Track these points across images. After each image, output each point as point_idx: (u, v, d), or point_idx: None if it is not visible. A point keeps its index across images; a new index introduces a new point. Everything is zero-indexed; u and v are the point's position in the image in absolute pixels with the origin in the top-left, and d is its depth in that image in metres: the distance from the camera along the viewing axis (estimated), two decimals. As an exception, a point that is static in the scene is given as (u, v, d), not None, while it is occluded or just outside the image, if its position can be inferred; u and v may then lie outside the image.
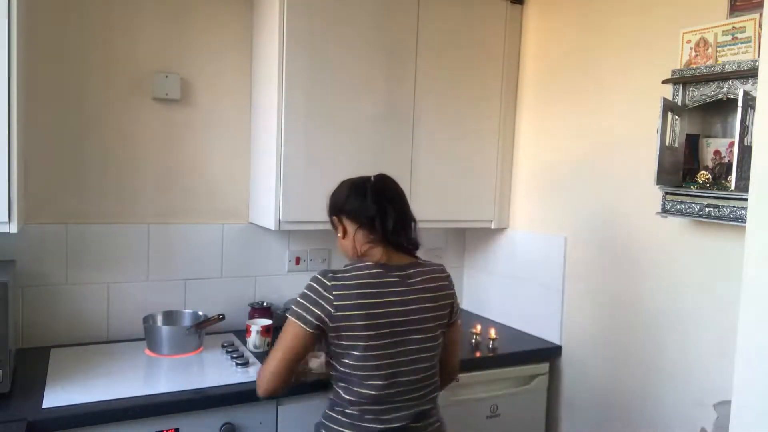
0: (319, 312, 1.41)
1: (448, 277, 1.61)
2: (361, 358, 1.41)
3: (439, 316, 1.53)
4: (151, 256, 2.22)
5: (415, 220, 1.58)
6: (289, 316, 1.45)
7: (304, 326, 1.42)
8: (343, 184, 1.60)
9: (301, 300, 1.44)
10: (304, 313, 1.42)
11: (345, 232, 1.56)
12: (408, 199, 1.61)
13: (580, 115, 2.25)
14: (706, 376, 1.81)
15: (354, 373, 1.42)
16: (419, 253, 1.62)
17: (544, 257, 2.40)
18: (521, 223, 2.56)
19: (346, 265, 1.49)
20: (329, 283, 1.42)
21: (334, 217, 1.58)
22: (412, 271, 1.52)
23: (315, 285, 1.44)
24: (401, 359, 1.45)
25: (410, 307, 1.46)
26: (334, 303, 1.40)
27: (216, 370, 1.87)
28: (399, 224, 1.51)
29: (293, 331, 1.43)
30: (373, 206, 1.50)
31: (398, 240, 1.52)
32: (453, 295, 1.60)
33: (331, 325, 1.41)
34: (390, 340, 1.43)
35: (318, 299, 1.42)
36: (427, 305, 1.49)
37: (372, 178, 1.56)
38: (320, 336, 1.45)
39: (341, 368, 1.45)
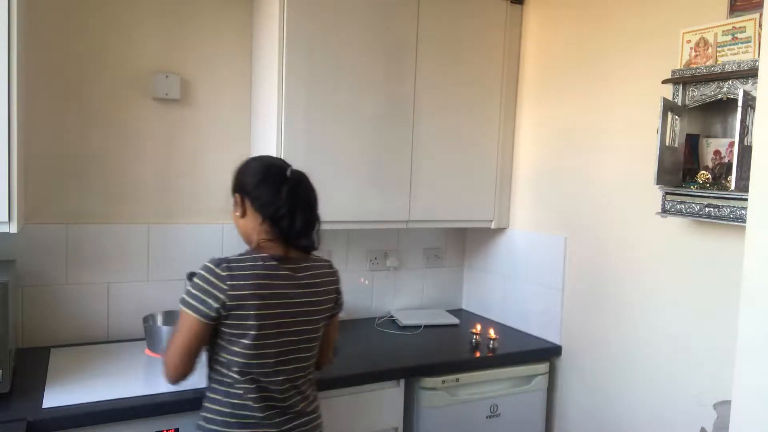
0: (212, 302, 1.40)
1: (335, 273, 1.63)
2: (250, 346, 1.43)
3: (324, 309, 1.57)
4: (151, 256, 2.22)
5: (320, 222, 1.56)
6: (182, 307, 1.43)
7: (199, 317, 1.41)
8: (254, 163, 1.56)
9: (193, 290, 1.42)
10: (198, 304, 1.41)
11: (244, 214, 1.54)
12: (317, 200, 1.58)
13: (579, 115, 2.25)
14: (706, 376, 1.81)
15: (240, 361, 1.44)
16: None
17: (544, 257, 2.40)
18: (521, 223, 2.56)
19: (240, 254, 1.48)
20: (223, 273, 1.41)
21: (238, 195, 1.54)
22: (302, 265, 1.53)
23: (207, 275, 1.42)
24: (286, 348, 1.48)
25: (298, 300, 1.50)
26: (229, 293, 1.40)
27: (216, 370, 1.87)
28: (305, 228, 1.50)
29: (188, 322, 1.42)
30: (285, 207, 1.47)
31: (299, 242, 1.52)
32: (338, 290, 1.64)
33: (224, 313, 1.41)
34: (278, 330, 1.46)
35: (211, 289, 1.41)
36: (313, 299, 1.53)
37: (289, 173, 1.51)
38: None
39: (228, 356, 1.45)
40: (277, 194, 1.48)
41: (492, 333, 2.30)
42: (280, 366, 1.48)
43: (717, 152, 1.78)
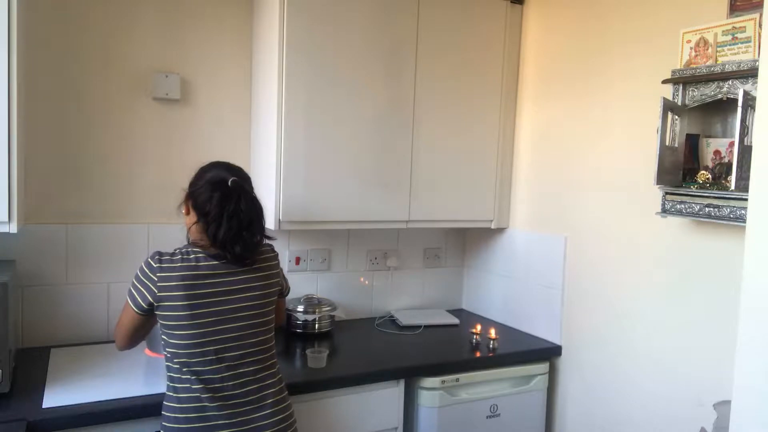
0: (146, 293, 1.49)
1: (276, 257, 1.69)
2: (186, 336, 1.47)
3: (271, 293, 1.62)
4: (151, 256, 2.22)
5: (257, 235, 1.57)
6: (127, 295, 1.54)
7: (135, 308, 1.51)
8: (208, 166, 1.63)
9: (134, 281, 1.52)
10: (136, 294, 1.51)
11: (187, 213, 1.61)
12: (260, 207, 1.59)
13: (579, 115, 2.25)
14: (706, 376, 1.81)
15: (180, 352, 1.48)
16: None
17: (544, 257, 2.40)
18: (521, 222, 2.56)
19: (176, 248, 1.55)
20: (155, 265, 1.49)
21: (186, 193, 1.61)
22: (241, 255, 1.55)
23: (144, 267, 1.51)
24: (230, 336, 1.51)
25: (236, 287, 1.53)
26: (158, 284, 1.48)
27: (216, 370, 1.87)
28: (232, 237, 1.51)
29: (128, 311, 1.54)
30: (212, 213, 1.51)
31: (228, 249, 1.52)
32: (280, 272, 1.70)
33: (156, 304, 1.49)
34: (214, 319, 1.50)
35: (146, 281, 1.49)
36: (256, 284, 1.57)
37: (230, 183, 1.54)
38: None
39: (170, 349, 1.50)
40: (209, 199, 1.52)
41: (492, 333, 2.30)
42: (222, 355, 1.49)
43: (717, 152, 1.78)
